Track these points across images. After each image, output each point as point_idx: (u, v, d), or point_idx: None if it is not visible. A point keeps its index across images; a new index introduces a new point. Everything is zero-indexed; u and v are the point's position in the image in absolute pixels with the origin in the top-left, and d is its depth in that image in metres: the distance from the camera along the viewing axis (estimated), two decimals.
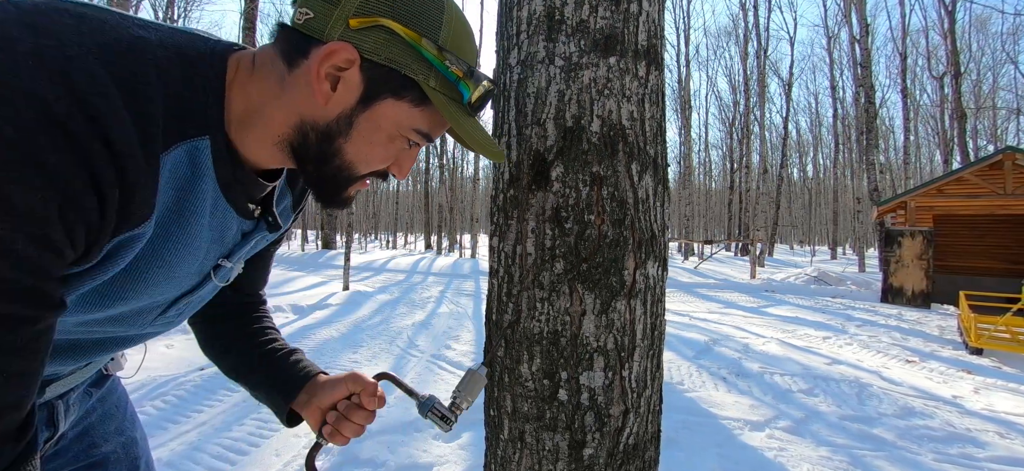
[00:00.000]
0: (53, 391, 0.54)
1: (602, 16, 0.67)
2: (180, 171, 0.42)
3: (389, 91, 0.44)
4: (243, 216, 0.51)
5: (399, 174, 0.51)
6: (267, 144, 0.46)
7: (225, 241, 0.52)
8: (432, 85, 0.45)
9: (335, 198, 0.50)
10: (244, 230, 0.54)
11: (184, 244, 0.46)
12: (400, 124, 0.46)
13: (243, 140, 0.46)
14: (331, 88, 0.43)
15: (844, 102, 21.73)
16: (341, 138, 0.45)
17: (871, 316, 6.36)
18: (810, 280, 9.89)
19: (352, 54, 0.42)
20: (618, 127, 0.67)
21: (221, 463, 1.91)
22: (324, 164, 0.46)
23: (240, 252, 0.55)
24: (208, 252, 0.50)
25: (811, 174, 35.56)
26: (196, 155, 0.43)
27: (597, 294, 0.67)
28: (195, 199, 0.44)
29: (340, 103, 0.44)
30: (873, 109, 11.95)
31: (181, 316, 0.56)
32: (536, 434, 0.70)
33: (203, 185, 0.44)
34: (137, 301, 0.47)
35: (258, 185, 0.51)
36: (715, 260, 17.12)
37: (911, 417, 2.54)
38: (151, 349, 3.36)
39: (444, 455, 1.97)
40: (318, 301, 5.68)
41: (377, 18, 0.42)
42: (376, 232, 37.06)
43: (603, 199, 0.67)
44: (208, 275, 0.53)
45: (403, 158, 0.50)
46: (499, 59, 0.76)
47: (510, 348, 0.72)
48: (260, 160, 0.48)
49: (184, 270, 0.48)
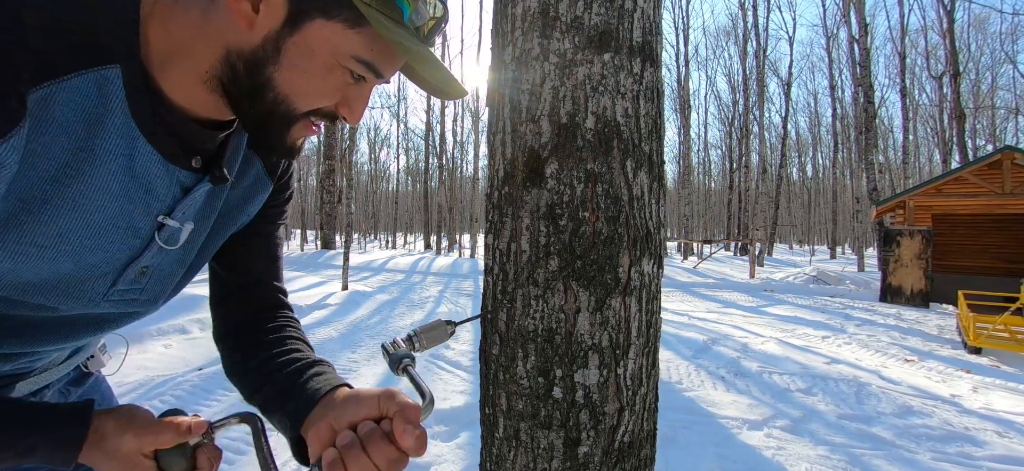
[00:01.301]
0: (23, 389, 0.51)
1: (596, 12, 0.67)
2: (87, 104, 0.38)
3: (318, 9, 0.40)
4: (175, 164, 0.45)
5: (350, 117, 0.46)
6: (196, 83, 0.42)
7: (155, 192, 0.45)
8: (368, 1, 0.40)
9: (277, 142, 0.45)
10: (182, 182, 0.47)
11: (96, 186, 0.41)
12: (337, 50, 0.41)
13: (167, 78, 0.42)
14: (252, 9, 0.39)
15: (843, 102, 21.77)
16: (270, 67, 0.41)
17: (870, 315, 6.37)
18: (809, 280, 9.90)
19: None
20: (613, 124, 0.67)
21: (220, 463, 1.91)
22: (256, 99, 0.42)
23: (183, 209, 0.48)
24: (136, 204, 0.44)
25: (810, 174, 35.63)
26: (105, 86, 0.39)
27: (591, 291, 0.66)
28: (106, 136, 0.40)
29: (265, 25, 0.40)
30: (872, 109, 11.96)
31: (142, 293, 0.51)
32: (531, 432, 0.70)
33: (114, 120, 0.40)
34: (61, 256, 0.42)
35: (192, 130, 0.46)
36: (714, 260, 17.13)
37: (909, 416, 2.54)
38: (149, 348, 3.35)
39: (441, 454, 1.97)
40: (317, 301, 5.68)
41: None
42: (375, 232, 37.05)
43: (597, 196, 0.66)
44: (152, 238, 0.48)
45: (351, 96, 0.45)
46: (494, 56, 0.76)
47: (504, 345, 0.72)
48: (194, 105, 0.44)
49: (105, 220, 0.43)
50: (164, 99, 0.43)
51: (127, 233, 0.45)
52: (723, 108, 29.11)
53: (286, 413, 0.50)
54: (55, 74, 0.36)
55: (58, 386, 0.58)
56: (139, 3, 0.40)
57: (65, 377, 0.60)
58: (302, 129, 0.45)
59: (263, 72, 0.41)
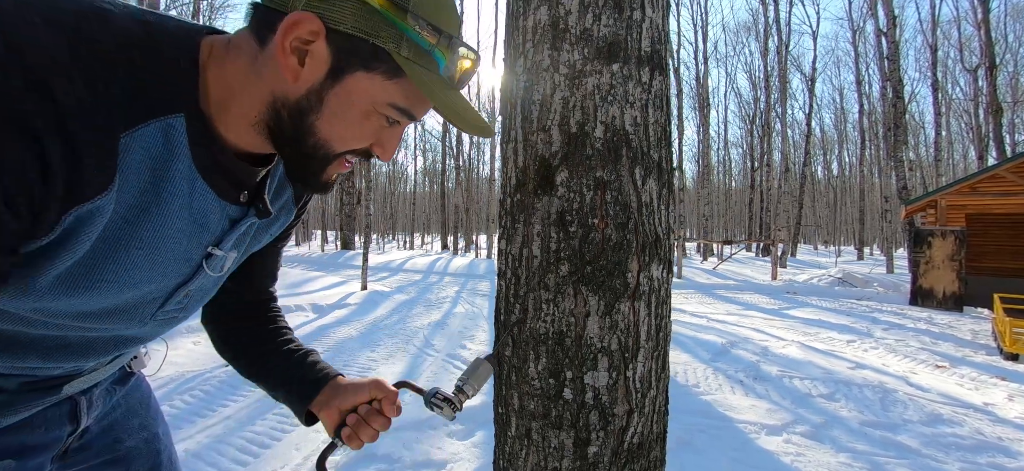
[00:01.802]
0: (73, 388, 0.56)
1: (605, 24, 0.69)
2: (154, 150, 0.41)
3: (359, 63, 0.42)
4: (226, 200, 0.50)
5: (383, 155, 0.49)
6: (246, 126, 0.46)
7: (209, 226, 0.50)
8: (404, 54, 0.43)
9: (314, 180, 0.49)
10: (231, 216, 0.52)
11: (162, 225, 0.44)
12: (374, 99, 0.44)
13: (223, 122, 0.45)
14: (299, 62, 0.42)
15: (871, 97, 21.05)
16: (313, 115, 0.44)
17: (899, 319, 6.15)
18: (834, 281, 9.61)
19: (316, 24, 0.40)
20: (621, 132, 0.69)
21: (244, 456, 1.99)
22: (299, 144, 0.45)
23: (230, 240, 0.53)
24: (191, 238, 0.48)
25: (836, 172, 34.51)
26: (170, 133, 0.42)
27: (601, 296, 0.68)
28: (171, 179, 0.43)
29: (309, 78, 0.43)
30: (901, 104, 11.53)
31: (184, 311, 0.56)
32: (542, 431, 0.72)
33: (179, 164, 0.43)
34: (125, 289, 0.46)
35: (242, 169, 0.49)
36: (735, 261, 16.79)
37: (938, 424, 2.46)
38: (179, 345, 3.50)
39: (457, 452, 2.01)
40: (337, 300, 5.80)
41: None
42: (394, 233, 37.52)
43: (606, 203, 0.68)
44: (200, 265, 0.52)
45: (385, 137, 0.48)
46: (507, 67, 0.78)
47: (517, 348, 0.74)
48: (243, 144, 0.47)
49: (167, 255, 0.47)
50: (219, 141, 0.46)
51: (182, 264, 0.50)
52: (744, 105, 28.51)
53: (293, 392, 0.65)
54: (133, 124, 0.39)
55: (105, 385, 0.63)
56: (198, 53, 0.44)
57: (111, 377, 0.64)
58: (337, 167, 0.49)
59: (306, 119, 0.44)
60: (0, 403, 0.49)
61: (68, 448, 0.60)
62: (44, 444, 0.55)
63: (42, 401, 0.53)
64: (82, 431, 0.61)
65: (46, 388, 0.53)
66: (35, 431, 0.54)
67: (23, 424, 0.53)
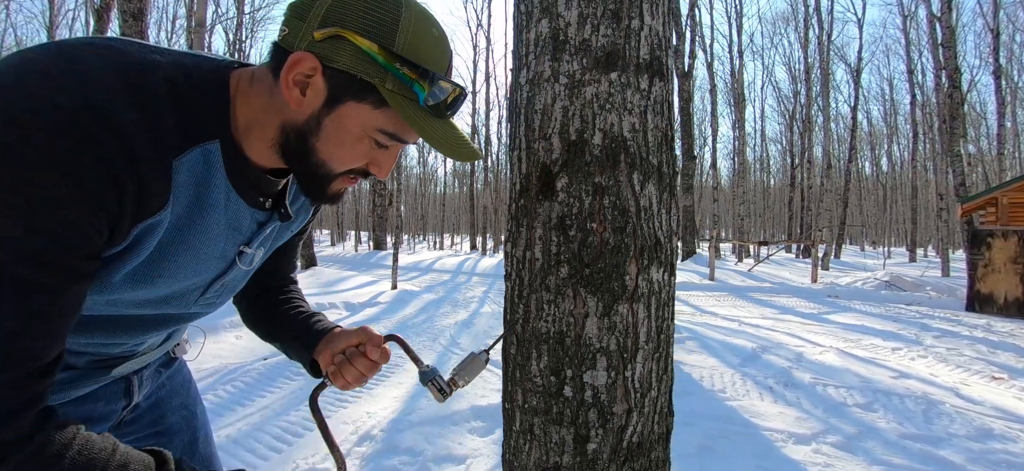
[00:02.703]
0: (128, 367, 0.66)
1: (603, 34, 0.71)
2: (197, 170, 0.51)
3: (351, 94, 0.50)
4: (255, 208, 0.60)
5: (379, 173, 0.57)
6: (265, 147, 0.55)
7: (241, 229, 0.60)
8: (389, 87, 0.50)
9: (320, 193, 0.57)
10: (258, 220, 0.62)
11: (204, 231, 0.55)
12: (365, 125, 0.52)
13: (248, 144, 0.55)
14: (301, 93, 0.50)
15: (924, 87, 19.67)
16: (313, 137, 0.52)
17: (953, 326, 5.75)
18: (880, 285, 9.07)
19: (313, 62, 0.49)
20: (620, 139, 0.71)
21: (279, 443, 2.11)
22: (304, 162, 0.54)
23: (258, 240, 0.64)
24: (227, 239, 0.59)
25: (886, 168, 32.42)
26: (209, 156, 0.52)
27: (599, 298, 0.70)
28: (211, 193, 0.53)
29: (309, 107, 0.51)
30: (958, 94, 10.72)
31: (220, 298, 0.67)
32: (544, 427, 0.75)
33: (217, 180, 0.53)
34: (176, 281, 0.56)
35: (266, 181, 0.59)
36: (774, 262, 16.09)
37: (988, 440, 2.30)
38: (222, 339, 3.73)
39: (478, 448, 2.06)
40: (368, 299, 6.01)
41: (337, 29, 0.48)
42: (424, 233, 38.26)
43: (605, 208, 0.70)
44: (233, 261, 0.62)
45: (379, 158, 0.56)
46: (512, 77, 0.82)
47: (521, 346, 0.77)
48: (264, 161, 0.57)
49: (208, 254, 0.57)
50: (246, 160, 0.56)
51: (220, 260, 0.60)
52: (783, 99, 27.22)
53: (301, 345, 0.75)
54: (181, 151, 0.49)
55: (153, 367, 0.73)
56: (228, 88, 0.53)
57: (158, 360, 0.74)
58: (341, 183, 0.57)
59: (308, 141, 0.53)
60: (71, 377, 0.60)
61: (122, 420, 0.70)
62: (104, 415, 0.67)
63: (104, 378, 0.64)
64: (134, 406, 0.71)
65: (107, 366, 0.63)
66: (98, 403, 0.66)
67: (89, 397, 0.64)
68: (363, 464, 1.94)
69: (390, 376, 3.07)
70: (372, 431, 2.22)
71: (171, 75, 0.48)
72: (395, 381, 2.98)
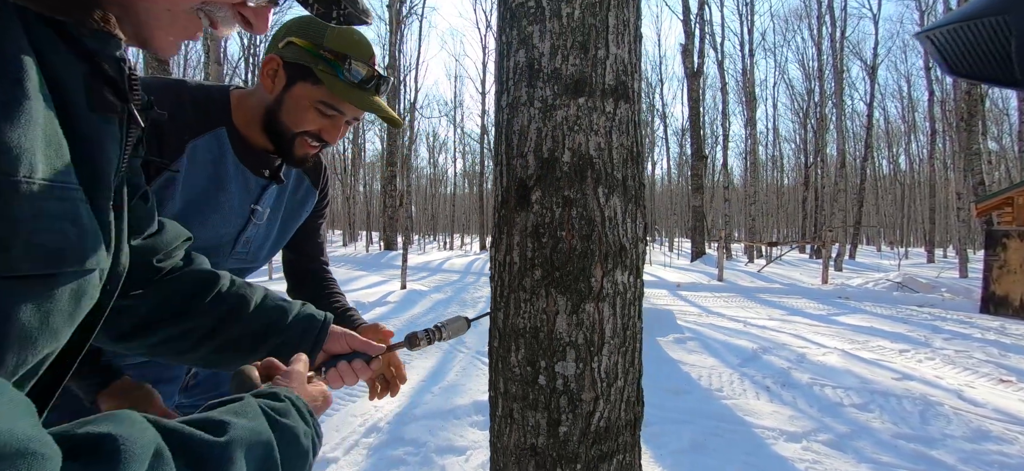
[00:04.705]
0: None
1: (572, 63, 0.80)
2: (212, 149, 0.79)
3: (298, 77, 0.78)
4: (257, 176, 0.86)
5: (329, 139, 0.82)
6: (257, 131, 0.83)
7: (250, 191, 0.86)
8: (320, 68, 0.77)
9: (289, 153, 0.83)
10: (261, 185, 0.88)
11: (223, 191, 0.81)
12: (309, 98, 0.79)
13: (247, 131, 0.84)
14: (271, 81, 0.79)
15: (943, 83, 19.21)
16: (279, 110, 0.80)
17: (965, 328, 5.68)
18: (893, 286, 8.94)
19: (277, 60, 0.79)
20: (586, 157, 0.80)
21: None
22: (275, 128, 0.81)
23: (263, 200, 0.88)
24: (241, 200, 0.84)
25: (904, 167, 31.70)
26: (220, 139, 0.81)
27: (568, 297, 0.79)
28: (224, 166, 0.81)
29: (276, 89, 0.79)
30: (977, 91, 10.50)
31: (247, 252, 0.90)
32: (522, 412, 0.84)
33: (228, 157, 0.81)
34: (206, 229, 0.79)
35: (263, 157, 0.86)
36: (786, 263, 15.89)
37: (983, 441, 2.32)
38: None
39: (478, 440, 2.15)
40: (378, 298, 6.15)
41: (289, 38, 0.79)
42: (434, 233, 38.55)
43: (573, 218, 0.79)
44: (249, 218, 0.87)
45: (327, 126, 0.81)
46: (495, 101, 0.91)
47: (502, 339, 0.87)
48: (260, 142, 0.84)
49: (229, 209, 0.83)
50: (247, 141, 0.84)
51: (238, 217, 0.86)
52: (796, 98, 26.82)
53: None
54: (197, 134, 0.78)
55: None
56: (230, 98, 0.84)
57: None
58: (302, 146, 0.82)
59: (276, 113, 0.81)
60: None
61: (187, 384, 0.90)
62: (173, 377, 0.87)
63: None
64: (194, 372, 0.92)
65: None
66: (167, 368, 0.86)
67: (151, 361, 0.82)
68: (370, 454, 2.06)
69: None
70: (379, 423, 2.33)
71: (193, 89, 0.81)
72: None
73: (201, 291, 0.60)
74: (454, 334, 0.79)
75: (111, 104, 0.34)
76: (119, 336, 0.55)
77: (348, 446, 2.12)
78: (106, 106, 0.33)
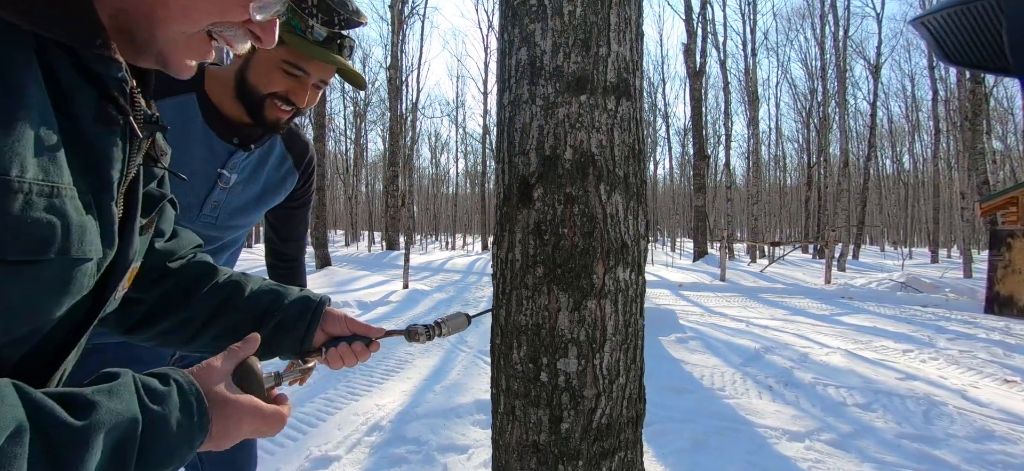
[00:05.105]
0: None
1: (574, 61, 0.80)
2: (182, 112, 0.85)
3: None
4: (225, 141, 0.90)
5: (298, 101, 0.87)
6: (229, 100, 0.88)
7: (217, 155, 0.90)
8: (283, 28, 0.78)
9: (260, 115, 0.87)
10: (229, 151, 0.92)
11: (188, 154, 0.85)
12: (275, 58, 0.84)
13: (218, 99, 0.89)
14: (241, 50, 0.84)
15: (947, 82, 19.12)
16: (247, 71, 0.86)
17: (969, 328, 5.65)
18: (896, 286, 8.91)
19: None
20: (588, 154, 0.80)
21: (294, 432, 2.24)
22: (244, 89, 0.86)
23: (230, 164, 0.92)
24: (208, 162, 0.89)
25: (908, 166, 31.54)
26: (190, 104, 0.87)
27: (570, 294, 0.80)
28: (191, 130, 0.87)
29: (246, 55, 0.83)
30: (981, 90, 10.44)
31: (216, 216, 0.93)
32: (524, 409, 0.84)
33: (196, 122, 0.88)
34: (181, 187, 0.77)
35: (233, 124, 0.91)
36: (789, 263, 15.84)
37: (987, 441, 2.31)
38: None
39: (479, 439, 2.16)
40: (380, 298, 6.16)
41: None
42: (436, 233, 38.57)
43: (574, 215, 0.80)
44: (215, 181, 0.91)
45: (295, 87, 0.86)
46: (497, 99, 0.92)
47: (504, 336, 0.87)
48: (231, 112, 0.89)
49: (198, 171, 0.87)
50: (217, 109, 0.89)
51: (204, 179, 0.90)
52: (799, 97, 26.71)
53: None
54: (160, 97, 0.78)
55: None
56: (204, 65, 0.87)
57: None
58: (272, 108, 0.87)
59: (246, 76, 0.86)
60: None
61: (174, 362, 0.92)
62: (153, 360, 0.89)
63: None
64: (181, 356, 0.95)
65: None
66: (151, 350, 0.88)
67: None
68: (372, 452, 2.06)
69: (399, 371, 3.19)
70: (381, 422, 2.34)
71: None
72: (404, 376, 3.10)
73: (199, 283, 0.63)
74: (454, 330, 0.79)
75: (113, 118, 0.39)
76: (128, 328, 0.60)
77: (350, 444, 2.13)
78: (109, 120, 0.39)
